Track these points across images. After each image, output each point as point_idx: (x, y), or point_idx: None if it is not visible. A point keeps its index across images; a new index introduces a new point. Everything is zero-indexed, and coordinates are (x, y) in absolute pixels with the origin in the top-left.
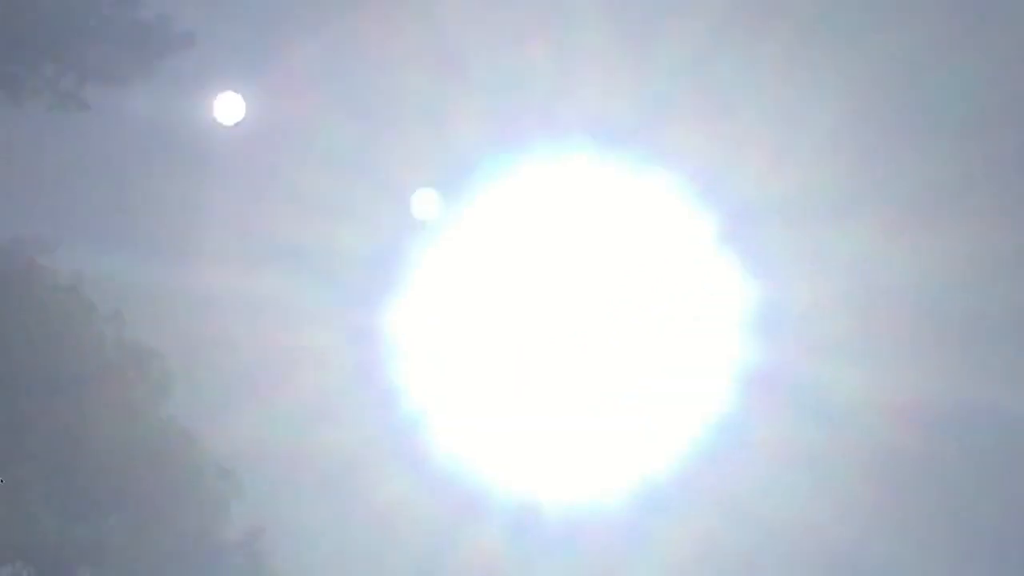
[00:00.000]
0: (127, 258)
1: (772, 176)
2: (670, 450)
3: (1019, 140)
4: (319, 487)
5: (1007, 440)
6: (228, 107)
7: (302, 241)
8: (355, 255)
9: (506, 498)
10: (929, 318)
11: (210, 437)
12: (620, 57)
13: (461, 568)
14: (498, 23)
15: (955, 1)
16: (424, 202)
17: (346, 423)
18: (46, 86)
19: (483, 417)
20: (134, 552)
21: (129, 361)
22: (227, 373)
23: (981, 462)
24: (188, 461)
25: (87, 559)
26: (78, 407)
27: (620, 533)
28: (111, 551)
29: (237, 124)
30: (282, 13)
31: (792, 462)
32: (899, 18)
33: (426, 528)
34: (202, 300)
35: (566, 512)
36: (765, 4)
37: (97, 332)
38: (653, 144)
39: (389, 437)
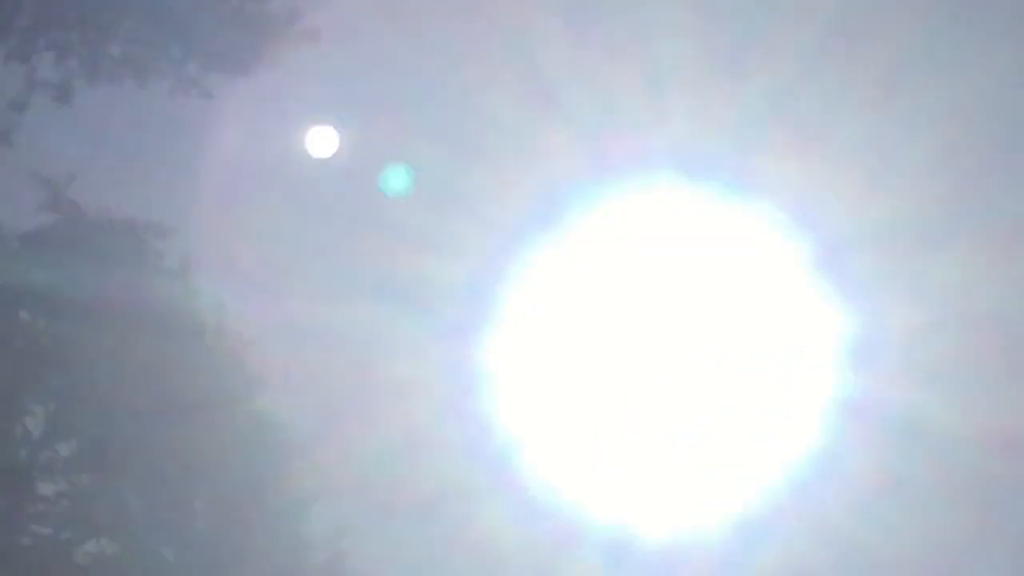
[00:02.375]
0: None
1: (866, 204)
2: (765, 481)
3: None
4: (413, 518)
5: None
6: (321, 140)
7: (395, 273)
8: (448, 287)
9: (600, 530)
10: None
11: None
12: (711, 87)
13: None
14: (589, 55)
15: None
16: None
17: (440, 454)
18: (172, 70)
19: (577, 448)
20: (219, 538)
21: (227, 350)
22: (320, 404)
23: None
24: (279, 454)
25: (171, 541)
26: (173, 389)
27: (716, 564)
28: (195, 535)
29: (330, 157)
30: (373, 48)
31: (889, 492)
32: (996, 46)
33: (521, 560)
34: (295, 330)
35: (662, 543)
36: (858, 32)
37: (199, 318)
38: (745, 174)
39: (484, 468)
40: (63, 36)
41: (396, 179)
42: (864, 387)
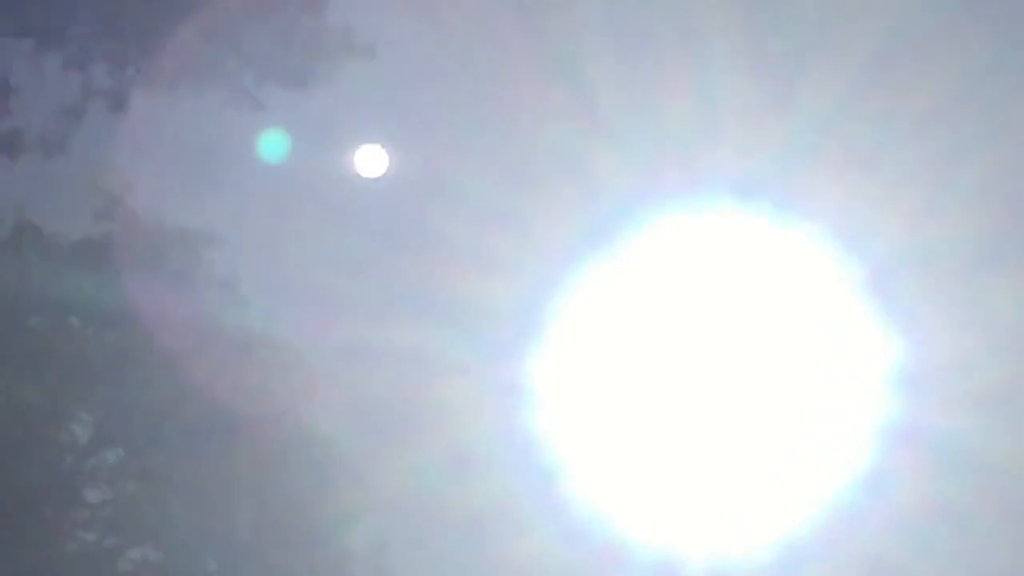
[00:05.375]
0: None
1: (916, 228)
2: (812, 506)
3: None
4: (457, 536)
5: None
6: (370, 160)
7: (444, 294)
8: (499, 308)
9: (646, 553)
10: None
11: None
12: (762, 109)
13: None
14: (640, 77)
15: None
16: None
17: (488, 475)
18: (227, 81)
19: (625, 469)
20: (262, 550)
21: (275, 361)
22: (366, 421)
23: None
24: (324, 467)
25: (215, 551)
26: (221, 398)
27: None
28: (239, 546)
29: (380, 177)
30: (424, 66)
31: (937, 520)
32: None
33: None
34: (342, 347)
35: (707, 566)
36: (909, 56)
37: (246, 328)
38: (795, 197)
39: (531, 490)
40: (120, 45)
41: (272, 145)
42: (913, 413)
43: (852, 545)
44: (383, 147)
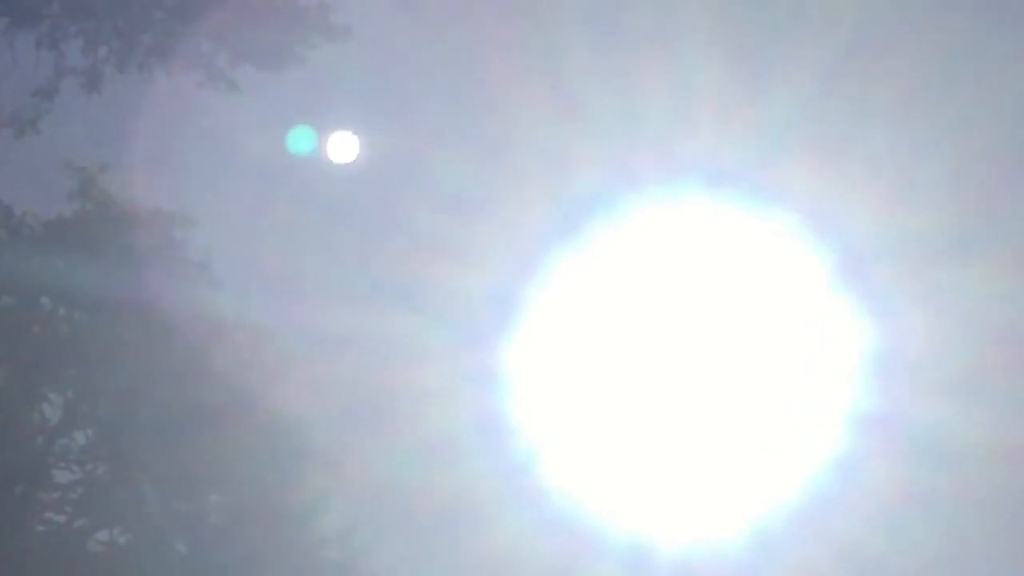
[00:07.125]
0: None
1: (889, 216)
2: (785, 492)
3: None
4: (430, 523)
5: None
6: (342, 146)
7: (417, 281)
8: (472, 295)
9: (620, 538)
10: None
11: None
12: (736, 97)
13: None
14: (615, 65)
15: None
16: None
17: (462, 462)
18: (200, 62)
19: (598, 457)
20: (231, 532)
21: (247, 344)
22: (342, 409)
23: None
24: (295, 449)
25: (184, 534)
26: (192, 380)
27: (734, 574)
28: (209, 528)
29: (351, 163)
30: (397, 52)
31: (908, 505)
32: (1021, 59)
33: (541, 567)
34: (314, 333)
35: (680, 552)
36: (882, 45)
37: (218, 311)
38: (769, 184)
39: (505, 476)
40: (93, 24)
41: (301, 139)
42: (884, 399)
43: (825, 531)
44: (355, 133)
